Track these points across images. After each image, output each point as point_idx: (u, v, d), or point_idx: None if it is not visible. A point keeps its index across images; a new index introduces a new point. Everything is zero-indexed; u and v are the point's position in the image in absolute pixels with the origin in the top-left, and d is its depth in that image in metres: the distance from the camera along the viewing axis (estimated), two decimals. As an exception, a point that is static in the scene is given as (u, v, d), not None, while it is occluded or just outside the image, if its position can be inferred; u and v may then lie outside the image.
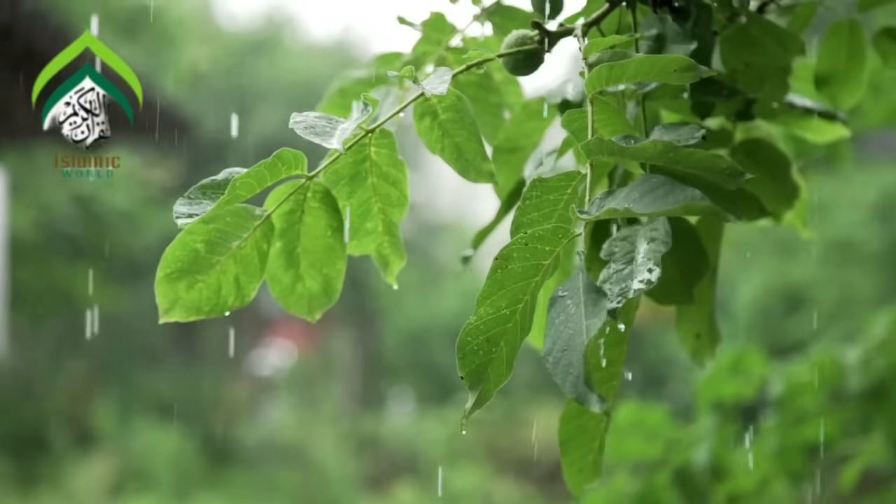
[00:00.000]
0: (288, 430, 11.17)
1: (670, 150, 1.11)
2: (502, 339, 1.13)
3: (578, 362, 1.04)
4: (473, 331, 1.13)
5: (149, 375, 11.34)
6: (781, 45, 1.51)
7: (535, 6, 1.59)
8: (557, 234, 1.12)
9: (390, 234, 1.38)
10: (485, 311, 1.13)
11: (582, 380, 1.04)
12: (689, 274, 1.41)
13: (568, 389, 1.05)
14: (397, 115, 1.32)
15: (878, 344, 2.84)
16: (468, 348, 1.13)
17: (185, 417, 10.69)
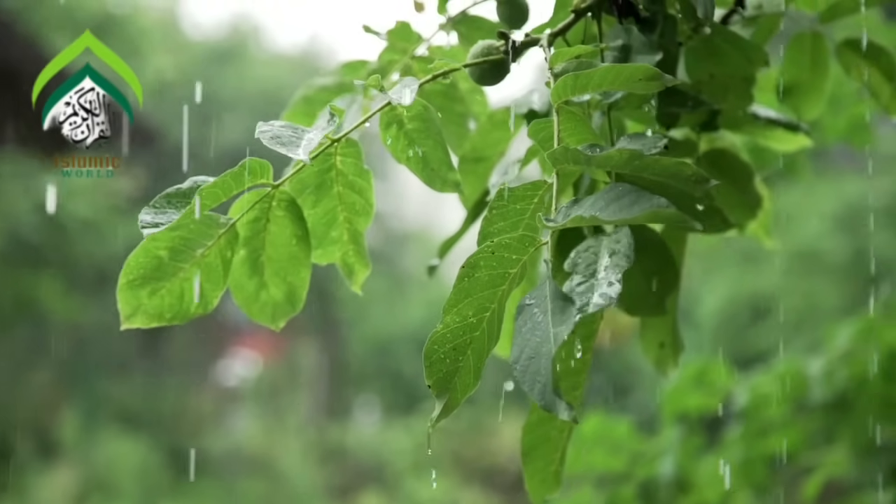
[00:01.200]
0: (253, 440, 11.13)
1: (636, 158, 1.12)
2: (469, 347, 1.13)
3: (546, 370, 1.05)
4: (440, 339, 1.13)
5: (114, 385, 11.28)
6: (745, 56, 1.52)
7: (501, 16, 1.59)
8: (524, 243, 1.12)
9: (355, 242, 1.38)
10: (451, 319, 1.13)
11: (550, 387, 1.04)
12: (659, 285, 1.42)
13: (536, 397, 1.05)
14: (363, 124, 1.32)
15: (842, 355, 2.86)
16: (435, 357, 1.13)
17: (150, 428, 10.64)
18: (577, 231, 1.40)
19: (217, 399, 12.20)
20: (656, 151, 1.17)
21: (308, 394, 13.02)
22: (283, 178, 1.31)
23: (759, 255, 8.43)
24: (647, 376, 9.08)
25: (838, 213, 8.29)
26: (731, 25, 1.60)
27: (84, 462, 9.77)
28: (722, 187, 1.57)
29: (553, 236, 1.13)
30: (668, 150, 1.21)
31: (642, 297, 1.41)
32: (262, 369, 12.82)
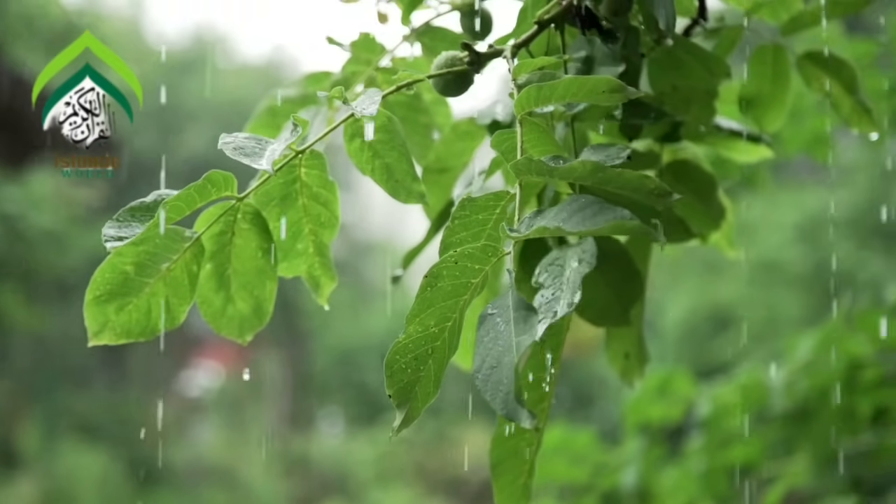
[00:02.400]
0: (216, 451, 11.09)
1: (599, 170, 1.12)
2: (430, 357, 1.13)
3: (508, 379, 1.05)
4: (402, 349, 1.13)
5: (75, 396, 11.21)
6: (707, 69, 1.52)
7: (464, 28, 1.60)
8: (487, 253, 1.12)
9: (321, 254, 1.37)
10: (414, 329, 1.13)
11: (512, 396, 1.04)
12: (624, 296, 1.42)
13: (498, 406, 1.05)
14: (327, 136, 1.32)
15: (802, 366, 2.87)
16: (396, 367, 1.13)
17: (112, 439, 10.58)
18: (540, 242, 1.40)
19: (180, 410, 12.15)
20: (619, 162, 1.18)
21: (271, 404, 12.98)
22: (247, 191, 1.31)
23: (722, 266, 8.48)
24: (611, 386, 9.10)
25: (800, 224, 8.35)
26: (693, 37, 1.60)
27: (45, 473, 9.70)
28: (685, 198, 1.58)
29: (516, 247, 1.14)
30: (631, 161, 1.21)
31: (608, 308, 1.42)
32: (225, 380, 12.78)
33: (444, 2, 1.61)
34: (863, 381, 2.83)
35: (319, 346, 13.48)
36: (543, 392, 1.39)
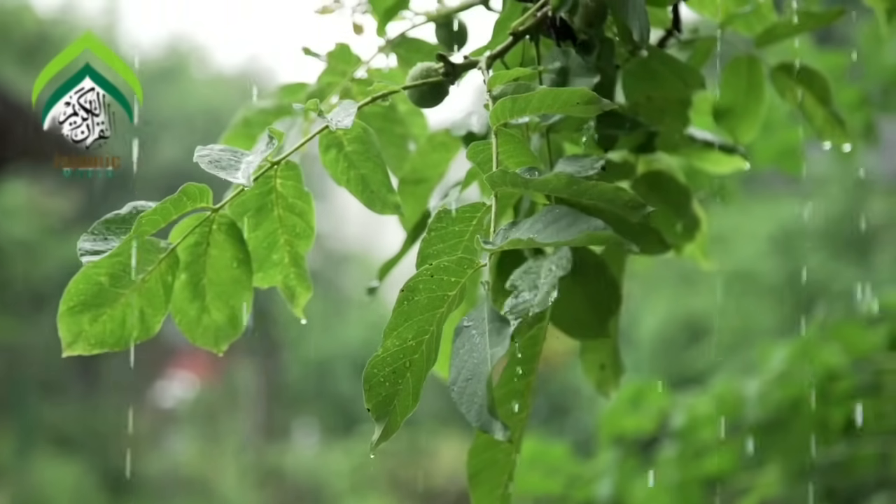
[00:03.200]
0: (191, 462, 11.04)
1: (574, 182, 1.12)
2: (408, 370, 1.14)
3: (483, 391, 1.05)
4: (380, 363, 1.13)
5: (49, 407, 11.16)
6: (681, 79, 1.53)
7: (440, 39, 1.60)
8: (463, 265, 1.12)
9: (296, 265, 1.37)
10: (391, 343, 1.13)
11: (486, 408, 1.04)
12: (601, 308, 1.43)
13: (473, 418, 1.05)
14: (302, 147, 1.32)
15: (776, 377, 2.88)
16: (375, 380, 1.13)
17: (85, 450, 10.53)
18: (516, 253, 1.41)
19: (154, 420, 12.10)
20: (593, 173, 1.18)
21: (246, 415, 12.94)
22: (222, 202, 1.31)
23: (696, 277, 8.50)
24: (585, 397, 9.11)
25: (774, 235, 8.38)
26: (667, 48, 1.61)
27: (18, 485, 9.65)
28: (659, 209, 1.58)
29: (492, 258, 1.14)
30: (606, 171, 1.22)
31: (585, 320, 1.42)
32: (199, 391, 12.74)
33: (419, 13, 1.62)
34: (836, 391, 2.84)
35: (294, 356, 13.45)
36: (521, 402, 1.39)
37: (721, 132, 1.72)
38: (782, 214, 8.33)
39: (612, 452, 3.05)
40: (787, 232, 8.31)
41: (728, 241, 8.14)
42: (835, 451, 2.88)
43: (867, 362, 2.88)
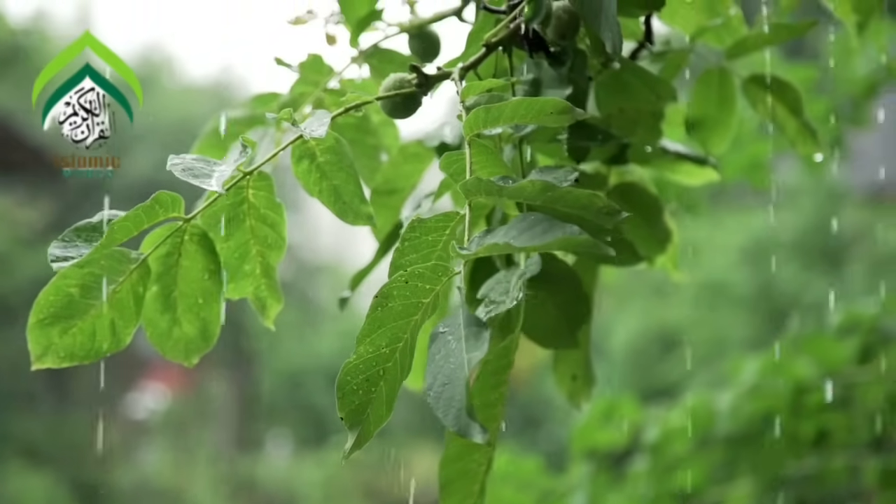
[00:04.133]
0: (163, 474, 11.00)
1: (548, 189, 1.12)
2: (382, 378, 1.13)
3: (461, 396, 1.05)
4: (353, 370, 1.13)
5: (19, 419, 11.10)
6: (653, 92, 1.54)
7: (412, 50, 1.60)
8: (437, 272, 1.12)
9: (268, 276, 1.37)
10: (364, 349, 1.12)
11: (464, 412, 1.04)
12: (572, 318, 1.43)
13: (450, 422, 1.05)
14: (275, 157, 1.31)
15: (748, 389, 2.89)
16: (348, 388, 1.13)
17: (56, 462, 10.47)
18: (489, 262, 1.41)
19: (126, 432, 12.05)
20: (567, 185, 1.18)
21: (218, 426, 12.90)
22: (194, 212, 1.30)
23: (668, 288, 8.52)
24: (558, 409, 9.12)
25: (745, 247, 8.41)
26: (639, 60, 1.61)
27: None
28: (632, 221, 1.59)
29: (466, 266, 1.14)
30: (579, 183, 1.22)
31: (555, 330, 1.42)
32: (171, 402, 12.70)
33: (392, 24, 1.62)
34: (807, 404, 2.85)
35: (267, 367, 13.41)
36: (493, 412, 1.39)
37: (693, 144, 1.73)
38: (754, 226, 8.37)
39: (584, 466, 3.06)
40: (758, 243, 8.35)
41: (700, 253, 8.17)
42: (806, 464, 2.89)
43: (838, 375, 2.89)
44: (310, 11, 1.63)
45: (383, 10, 1.61)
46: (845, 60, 3.22)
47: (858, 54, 3.19)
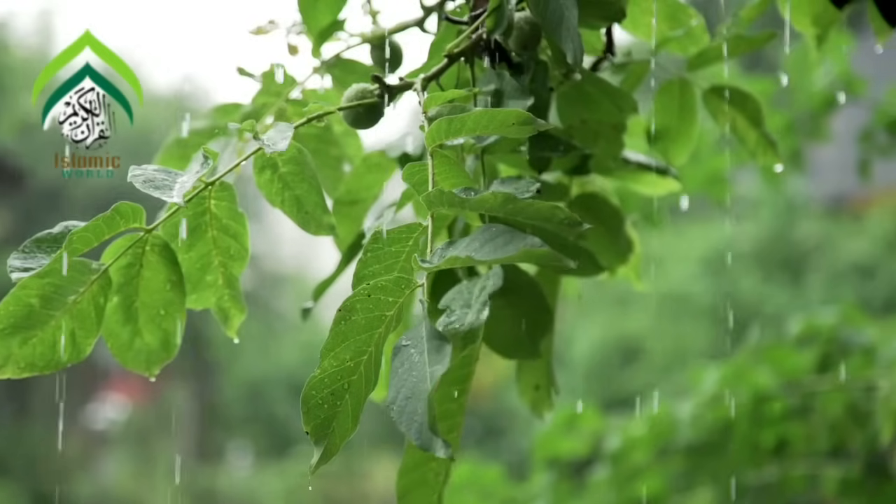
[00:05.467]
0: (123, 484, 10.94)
1: (510, 201, 1.13)
2: (347, 392, 1.13)
3: (423, 409, 1.04)
4: (318, 384, 1.12)
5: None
6: (615, 103, 1.54)
7: (375, 60, 1.61)
8: (400, 285, 1.12)
9: (231, 287, 1.36)
10: (329, 363, 1.12)
11: (427, 426, 1.04)
12: (534, 329, 1.43)
13: (413, 436, 1.05)
14: (237, 167, 1.31)
15: (708, 399, 2.90)
16: (313, 402, 1.12)
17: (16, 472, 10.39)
18: (451, 274, 1.41)
19: (86, 443, 11.98)
20: (529, 195, 1.19)
21: (179, 437, 12.84)
22: (156, 222, 1.30)
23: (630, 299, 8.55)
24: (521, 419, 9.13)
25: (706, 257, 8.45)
26: (601, 72, 1.62)
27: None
28: (593, 231, 1.59)
29: (429, 278, 1.14)
30: (541, 193, 1.22)
31: (517, 341, 1.42)
32: (132, 413, 12.63)
33: (354, 34, 1.62)
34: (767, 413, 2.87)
35: (228, 378, 13.36)
36: (453, 423, 1.39)
37: (654, 154, 1.74)
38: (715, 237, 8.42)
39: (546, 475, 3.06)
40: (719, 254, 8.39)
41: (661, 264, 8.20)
42: (765, 473, 2.91)
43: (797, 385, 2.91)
44: (272, 22, 1.63)
45: (345, 21, 1.61)
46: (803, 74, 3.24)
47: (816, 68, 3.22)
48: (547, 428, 3.07)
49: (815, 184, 8.07)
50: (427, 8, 1.57)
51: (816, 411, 2.90)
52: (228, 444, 13.31)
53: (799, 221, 8.56)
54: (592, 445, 3.07)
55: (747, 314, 7.52)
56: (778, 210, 8.40)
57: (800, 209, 8.55)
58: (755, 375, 2.88)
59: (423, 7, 1.57)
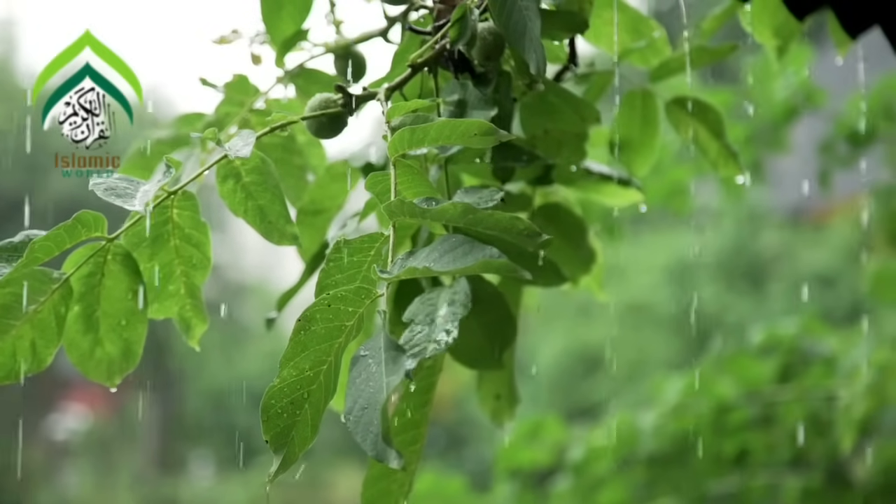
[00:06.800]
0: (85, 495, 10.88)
1: (470, 211, 1.13)
2: (307, 401, 1.13)
3: (378, 420, 1.04)
4: (277, 393, 1.12)
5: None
6: (577, 113, 1.55)
7: (338, 70, 1.61)
8: (360, 295, 1.12)
9: (193, 296, 1.36)
10: (288, 373, 1.12)
11: (381, 437, 1.04)
12: (497, 339, 1.43)
13: (368, 447, 1.05)
14: (199, 177, 1.31)
15: (671, 409, 2.91)
16: (272, 411, 1.12)
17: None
18: (414, 283, 1.41)
19: (47, 454, 11.90)
20: (493, 205, 1.19)
21: (141, 447, 12.78)
22: (118, 231, 1.29)
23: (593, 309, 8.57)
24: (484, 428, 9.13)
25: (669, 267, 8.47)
26: (564, 82, 1.62)
27: None
28: (556, 241, 1.59)
29: (390, 288, 1.14)
30: (505, 203, 1.22)
31: (480, 352, 1.42)
32: (93, 423, 12.56)
33: (318, 44, 1.62)
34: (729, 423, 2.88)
35: (191, 387, 13.31)
36: (416, 433, 1.39)
37: (617, 165, 1.74)
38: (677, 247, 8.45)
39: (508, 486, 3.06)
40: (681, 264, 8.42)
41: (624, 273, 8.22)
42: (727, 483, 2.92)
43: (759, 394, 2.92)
44: (235, 31, 1.63)
45: (309, 31, 1.61)
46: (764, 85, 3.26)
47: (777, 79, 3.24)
48: (509, 438, 3.07)
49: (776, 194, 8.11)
50: (391, 18, 1.57)
51: (777, 421, 2.92)
52: (191, 454, 13.25)
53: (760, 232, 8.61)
54: (555, 456, 3.07)
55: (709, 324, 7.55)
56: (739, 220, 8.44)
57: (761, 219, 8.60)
58: (717, 385, 2.90)
59: (387, 17, 1.57)
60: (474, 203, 1.18)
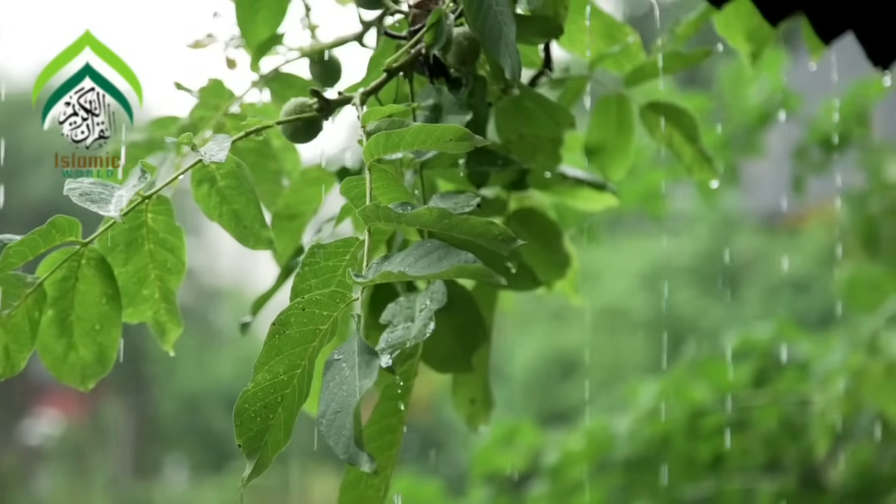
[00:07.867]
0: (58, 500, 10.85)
1: (445, 216, 1.13)
2: (280, 405, 1.13)
3: (351, 424, 1.05)
4: (251, 398, 1.12)
5: None
6: (552, 118, 1.55)
7: (313, 74, 1.61)
8: (335, 299, 1.12)
9: (167, 301, 1.36)
10: (262, 377, 1.12)
11: (353, 441, 1.04)
12: (467, 343, 1.43)
13: (340, 451, 1.05)
14: (174, 181, 1.31)
15: (645, 413, 2.92)
16: (246, 415, 1.12)
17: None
18: (390, 287, 1.41)
19: (21, 458, 11.86)
20: (469, 210, 1.19)
21: (115, 452, 12.74)
22: (92, 236, 1.29)
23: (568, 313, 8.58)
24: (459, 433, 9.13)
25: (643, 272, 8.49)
26: (539, 87, 1.63)
27: None
28: (531, 246, 1.60)
29: (365, 293, 1.14)
30: (480, 208, 1.23)
31: (450, 355, 1.43)
32: (67, 427, 12.52)
33: (293, 48, 1.62)
34: (703, 427, 2.89)
35: (165, 392, 13.28)
36: (391, 438, 1.39)
37: (592, 170, 1.75)
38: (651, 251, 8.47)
39: (484, 490, 3.07)
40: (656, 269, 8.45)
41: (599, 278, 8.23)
42: (702, 487, 2.93)
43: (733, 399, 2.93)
44: (210, 35, 1.63)
45: (284, 35, 1.61)
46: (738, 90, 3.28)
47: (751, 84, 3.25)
48: (485, 442, 3.08)
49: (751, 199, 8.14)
50: (366, 23, 1.57)
51: (752, 425, 2.93)
52: (165, 459, 13.22)
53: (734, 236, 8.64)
54: (531, 460, 3.08)
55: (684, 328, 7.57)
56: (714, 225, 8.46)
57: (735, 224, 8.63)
58: (692, 390, 2.90)
59: (363, 22, 1.57)
60: (450, 208, 1.18)
